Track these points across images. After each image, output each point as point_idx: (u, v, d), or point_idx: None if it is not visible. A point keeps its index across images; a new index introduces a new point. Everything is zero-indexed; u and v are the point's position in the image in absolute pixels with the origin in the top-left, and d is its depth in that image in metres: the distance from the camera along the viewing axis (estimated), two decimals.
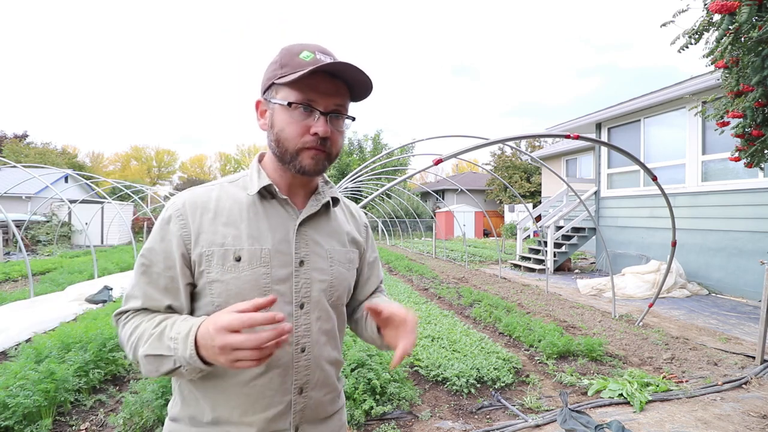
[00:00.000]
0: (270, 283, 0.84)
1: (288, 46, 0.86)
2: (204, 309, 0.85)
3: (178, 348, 0.74)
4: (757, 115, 2.96)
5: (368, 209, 21.62)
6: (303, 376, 0.88)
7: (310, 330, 0.89)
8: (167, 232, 0.84)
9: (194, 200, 0.87)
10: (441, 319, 4.95)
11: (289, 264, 0.87)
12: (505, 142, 4.32)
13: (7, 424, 2.42)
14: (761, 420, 2.70)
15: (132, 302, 0.85)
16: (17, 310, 5.27)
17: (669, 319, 5.33)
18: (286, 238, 0.88)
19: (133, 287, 0.85)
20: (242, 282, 0.83)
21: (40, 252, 13.29)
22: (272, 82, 0.85)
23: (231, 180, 0.94)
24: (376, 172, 13.35)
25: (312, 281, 0.89)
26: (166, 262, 0.83)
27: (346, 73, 0.82)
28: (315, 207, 0.92)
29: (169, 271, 0.83)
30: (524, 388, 3.27)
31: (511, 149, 27.74)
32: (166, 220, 0.85)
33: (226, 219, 0.86)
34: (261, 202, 0.89)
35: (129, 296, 0.86)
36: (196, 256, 0.83)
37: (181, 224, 0.84)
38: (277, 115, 0.85)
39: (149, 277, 0.84)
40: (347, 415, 2.81)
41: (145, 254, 0.85)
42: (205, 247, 0.83)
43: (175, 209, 0.86)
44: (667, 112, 7.97)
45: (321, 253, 0.92)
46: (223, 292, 0.82)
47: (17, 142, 31.11)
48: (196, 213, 0.86)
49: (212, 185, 0.92)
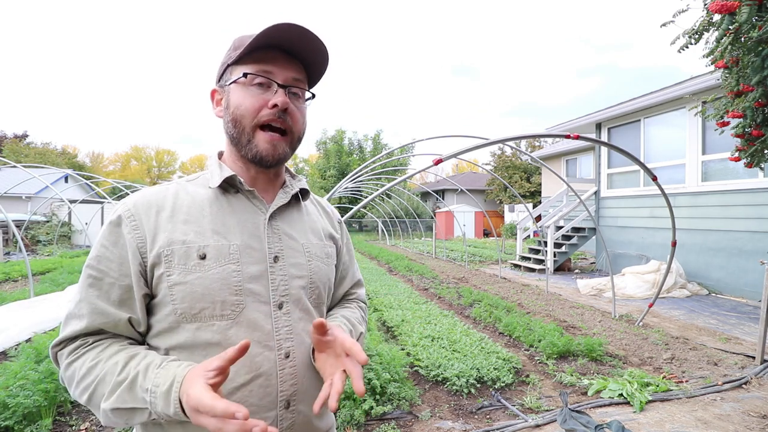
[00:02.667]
0: (242, 282, 0.76)
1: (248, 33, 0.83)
2: (164, 321, 0.74)
3: (156, 403, 0.64)
4: (757, 115, 2.96)
5: (368, 209, 21.62)
6: (289, 386, 0.78)
7: (292, 332, 0.79)
8: (119, 235, 0.74)
9: (147, 199, 0.78)
10: (441, 319, 4.94)
11: (263, 260, 0.79)
12: (505, 142, 4.32)
13: (7, 424, 2.41)
14: (761, 420, 2.70)
15: (74, 324, 0.72)
16: (17, 310, 5.27)
17: (669, 319, 5.33)
18: (255, 232, 0.80)
19: (78, 304, 0.72)
20: (209, 281, 0.73)
21: (40, 252, 13.28)
22: (227, 65, 0.82)
23: (189, 179, 0.86)
24: (376, 172, 13.35)
25: (289, 278, 0.81)
26: (120, 270, 0.73)
27: (301, 44, 0.78)
28: (285, 198, 0.86)
29: (124, 280, 0.73)
30: (524, 388, 3.27)
31: (511, 149, 27.74)
32: (115, 222, 0.75)
33: (185, 216, 0.77)
34: (224, 196, 0.82)
35: (71, 316, 0.73)
36: (153, 259, 0.73)
37: (132, 226, 0.74)
38: (232, 95, 0.80)
39: (99, 289, 0.72)
40: (347, 416, 2.80)
41: (93, 264, 0.73)
42: (163, 246, 0.74)
43: (125, 210, 0.76)
44: (667, 112, 7.97)
45: (297, 248, 0.85)
46: (186, 296, 0.73)
47: (17, 142, 31.12)
48: (150, 212, 0.76)
49: (168, 184, 0.84)
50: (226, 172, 0.81)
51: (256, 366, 0.75)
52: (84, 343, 0.73)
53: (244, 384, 0.74)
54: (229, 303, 0.75)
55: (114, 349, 0.72)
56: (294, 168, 38.90)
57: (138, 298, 0.74)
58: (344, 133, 30.67)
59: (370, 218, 25.91)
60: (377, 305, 5.78)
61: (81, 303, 0.72)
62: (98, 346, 0.72)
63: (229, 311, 0.75)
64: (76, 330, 0.72)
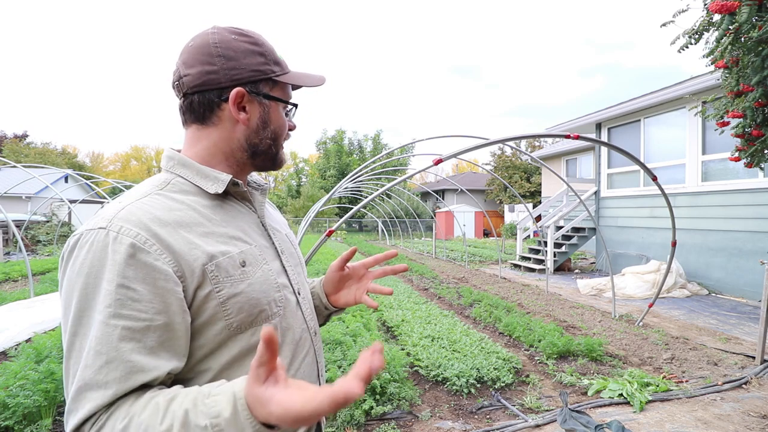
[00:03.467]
0: (276, 278, 0.81)
1: (249, 32, 0.80)
2: (213, 341, 0.68)
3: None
4: (757, 115, 2.96)
5: (368, 209, 21.61)
6: (322, 359, 0.92)
7: (311, 312, 0.91)
8: (141, 267, 0.62)
9: (152, 217, 0.67)
10: (441, 319, 4.95)
11: (277, 256, 0.85)
12: (505, 142, 4.32)
13: (7, 424, 2.42)
14: (761, 420, 2.70)
15: (97, 396, 0.57)
16: (17, 310, 5.27)
17: (669, 319, 5.33)
18: (261, 231, 0.85)
19: (103, 368, 0.57)
20: (259, 285, 0.75)
21: (40, 252, 13.29)
22: (268, 77, 0.79)
23: (160, 187, 0.75)
24: (376, 172, 13.34)
25: (293, 266, 0.90)
26: (154, 308, 0.61)
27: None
28: (263, 196, 0.90)
29: (159, 318, 0.61)
30: (524, 388, 3.27)
31: (511, 149, 27.74)
32: (129, 254, 0.61)
33: (199, 229, 0.71)
34: (221, 201, 0.79)
35: (92, 386, 0.57)
36: (196, 280, 0.66)
37: (156, 252, 0.63)
38: (273, 113, 0.82)
39: (135, 340, 0.59)
40: (347, 416, 2.81)
41: (116, 311, 0.59)
42: (205, 263, 0.68)
43: (134, 234, 0.63)
44: (667, 112, 7.97)
45: (284, 239, 0.92)
46: (244, 306, 0.71)
47: (17, 142, 31.14)
48: (166, 229, 0.67)
49: (147, 195, 0.72)
50: (225, 177, 0.77)
51: (305, 346, 0.84)
52: (105, 414, 0.57)
53: (300, 365, 0.82)
54: (278, 300, 0.80)
55: (145, 399, 0.58)
56: (294, 168, 38.88)
57: (184, 331, 0.64)
58: (344, 133, 30.70)
59: (370, 218, 25.91)
60: None
61: (111, 365, 0.57)
62: (125, 403, 0.58)
63: (279, 307, 0.80)
64: (100, 404, 0.57)
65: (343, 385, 0.45)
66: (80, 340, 0.60)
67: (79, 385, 0.57)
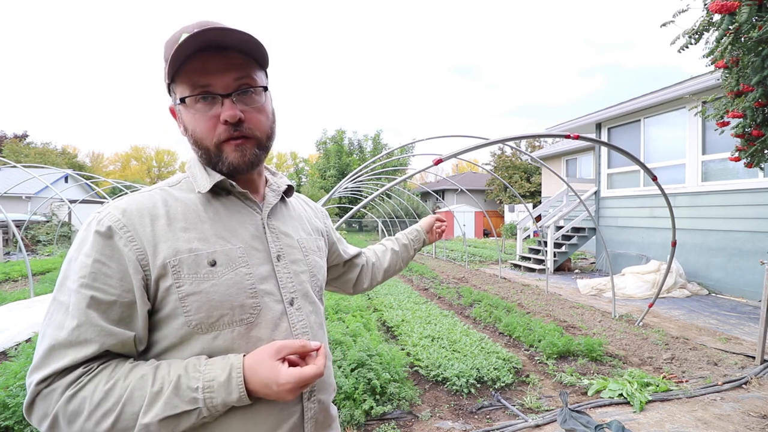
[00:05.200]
0: (255, 283, 0.76)
1: (170, 35, 0.75)
2: (173, 335, 0.70)
3: (214, 396, 0.64)
4: (757, 115, 2.96)
5: (368, 209, 21.62)
6: None
7: (306, 326, 0.82)
8: (113, 249, 0.67)
9: (136, 207, 0.71)
10: (441, 319, 4.94)
11: (268, 260, 0.80)
12: (505, 142, 4.32)
13: (7, 424, 2.41)
14: (761, 420, 2.70)
15: (73, 352, 0.63)
16: (17, 310, 5.27)
17: (669, 319, 5.33)
18: (256, 233, 0.80)
19: (75, 330, 0.63)
20: (225, 288, 0.72)
21: (40, 252, 13.28)
22: (168, 84, 0.76)
23: (171, 183, 0.81)
24: (376, 172, 13.34)
25: (294, 274, 0.83)
26: (121, 286, 0.67)
27: (229, 39, 0.71)
28: (275, 198, 0.87)
29: (125, 296, 0.67)
30: (524, 388, 3.27)
31: (511, 149, 27.74)
32: (105, 234, 0.68)
33: (183, 223, 0.73)
34: (217, 199, 0.79)
35: (63, 345, 0.63)
36: (158, 271, 0.68)
37: (128, 237, 0.68)
38: (184, 117, 0.76)
39: (101, 309, 0.65)
40: (347, 415, 2.80)
41: (88, 282, 0.65)
42: (169, 257, 0.69)
43: (114, 220, 0.69)
44: (667, 112, 7.97)
45: (293, 245, 0.86)
46: (203, 306, 0.70)
47: (17, 142, 31.12)
48: (143, 221, 0.70)
49: (149, 190, 0.77)
50: (215, 177, 0.77)
51: None
52: (88, 370, 0.65)
53: None
54: (248, 306, 0.74)
55: (126, 367, 0.66)
56: (294, 168, 38.88)
57: (141, 315, 0.68)
58: (344, 133, 30.67)
59: (370, 218, 25.91)
60: (377, 305, 5.78)
61: (81, 327, 0.64)
62: (106, 369, 0.65)
63: (248, 314, 0.74)
64: (78, 358, 0.63)
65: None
66: (56, 304, 0.67)
67: (51, 343, 0.64)
